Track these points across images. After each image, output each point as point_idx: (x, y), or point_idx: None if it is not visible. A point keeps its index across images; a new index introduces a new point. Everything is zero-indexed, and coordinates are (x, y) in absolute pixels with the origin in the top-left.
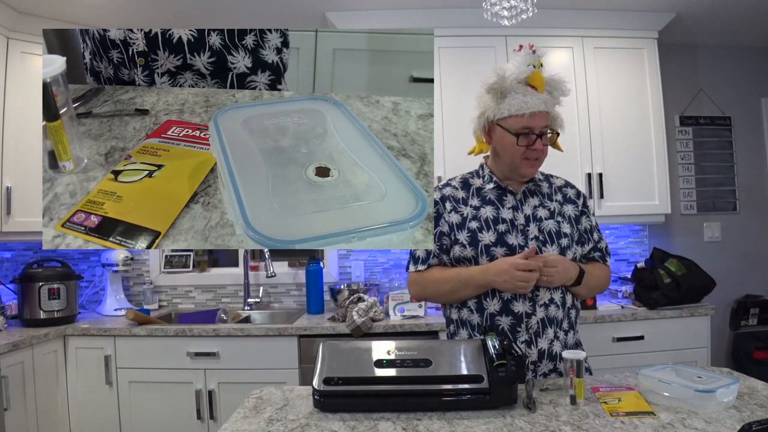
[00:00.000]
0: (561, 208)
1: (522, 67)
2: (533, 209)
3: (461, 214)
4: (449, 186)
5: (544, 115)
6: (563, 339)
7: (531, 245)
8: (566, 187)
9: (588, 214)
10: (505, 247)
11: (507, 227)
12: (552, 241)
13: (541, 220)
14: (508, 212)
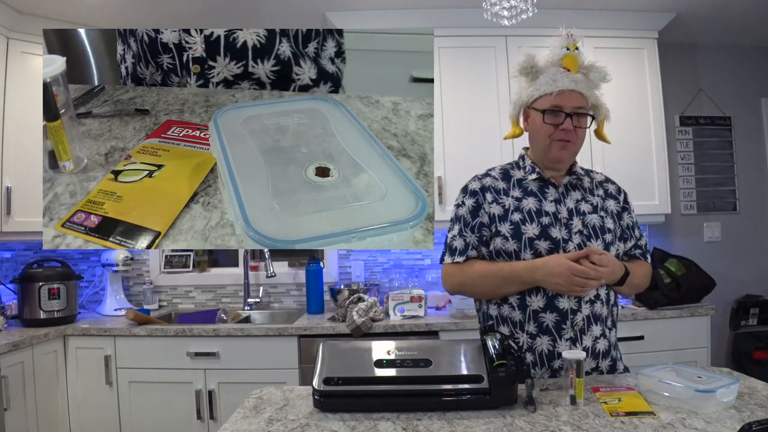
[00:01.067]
0: (603, 203)
1: (556, 50)
2: (576, 203)
3: (503, 206)
4: (489, 176)
5: (576, 95)
6: (609, 336)
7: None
8: (607, 183)
9: (629, 210)
10: (549, 240)
11: (550, 220)
12: (596, 236)
13: (584, 214)
14: (550, 205)
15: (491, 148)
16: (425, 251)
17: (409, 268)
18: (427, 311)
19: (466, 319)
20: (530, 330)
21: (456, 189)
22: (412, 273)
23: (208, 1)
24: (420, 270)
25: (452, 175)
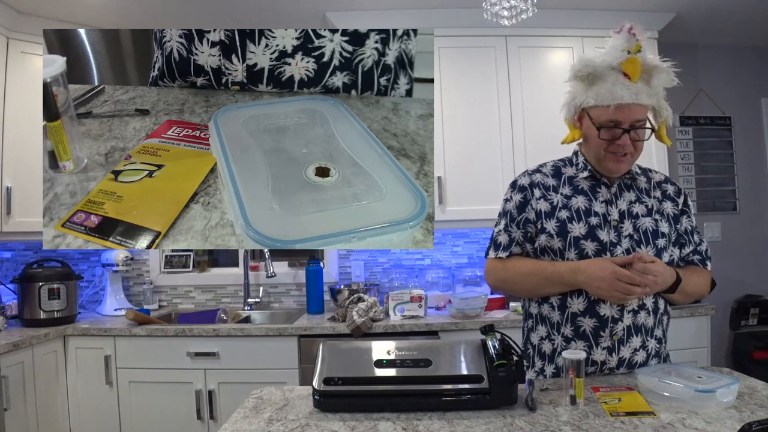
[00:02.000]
0: (660, 205)
1: (616, 51)
2: (629, 204)
3: (551, 203)
4: (540, 172)
5: (636, 108)
6: (653, 348)
7: (624, 244)
8: (666, 183)
9: (689, 214)
10: (596, 241)
11: (599, 221)
12: (647, 241)
13: (637, 217)
14: (601, 206)
15: (491, 148)
16: (425, 251)
17: (409, 268)
18: (427, 311)
19: (466, 319)
20: (566, 333)
21: (456, 189)
22: (412, 273)
23: (209, 1)
24: (420, 270)
25: (452, 175)
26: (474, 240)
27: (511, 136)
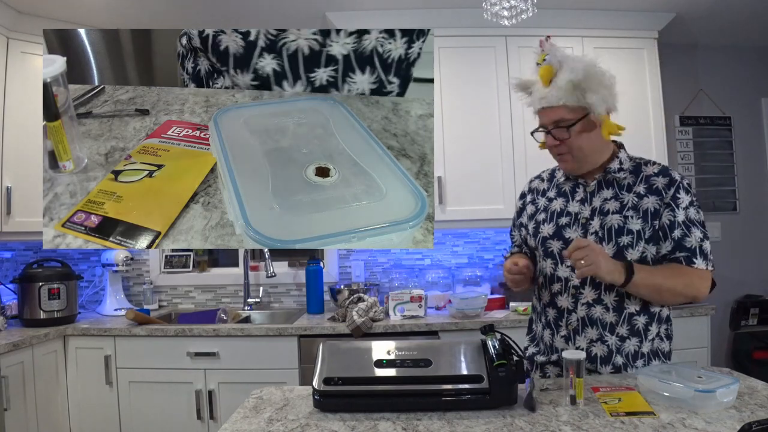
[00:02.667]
0: (639, 201)
1: (534, 65)
2: (603, 202)
3: (536, 206)
4: (539, 178)
5: (549, 111)
6: (614, 344)
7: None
8: (657, 176)
9: (674, 207)
10: (561, 240)
11: (569, 220)
12: (610, 238)
13: (607, 214)
14: (575, 205)
15: (491, 148)
16: (425, 251)
17: (409, 268)
18: (427, 311)
19: (466, 319)
20: (542, 321)
21: (456, 189)
22: (412, 273)
23: (209, 1)
24: (420, 270)
25: (452, 175)
26: (474, 240)
27: (511, 136)
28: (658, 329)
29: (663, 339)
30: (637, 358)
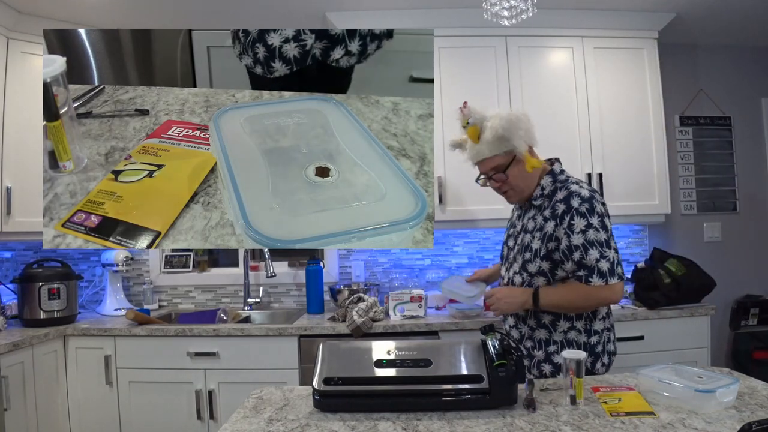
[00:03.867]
0: (544, 223)
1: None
2: (527, 220)
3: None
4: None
5: (483, 162)
6: (526, 332)
7: (513, 252)
8: (560, 203)
9: (569, 234)
10: (505, 246)
11: (513, 231)
12: (520, 252)
13: (524, 231)
14: (518, 220)
15: None
16: (425, 251)
17: (409, 268)
18: (427, 311)
19: (466, 319)
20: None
21: (456, 189)
22: (412, 273)
23: (209, 1)
24: (420, 270)
25: (452, 175)
26: (474, 240)
27: None
28: (570, 324)
29: (581, 332)
30: (549, 344)
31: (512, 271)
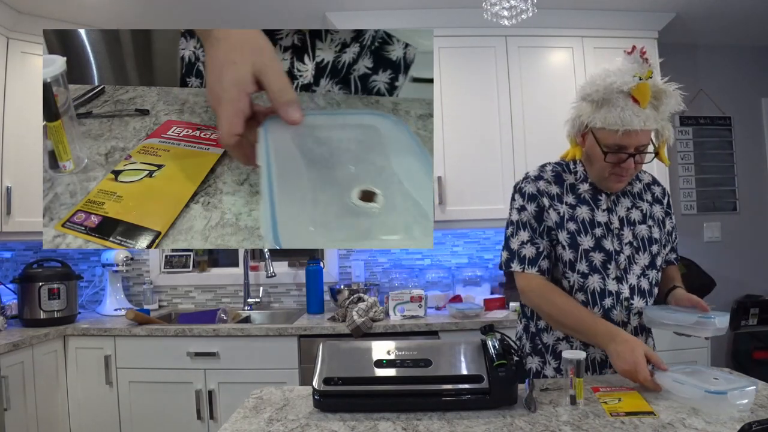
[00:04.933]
0: (651, 209)
1: (627, 75)
2: (626, 211)
3: (558, 213)
4: (542, 179)
5: (643, 133)
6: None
7: (626, 251)
8: (654, 185)
9: (671, 215)
10: (602, 252)
11: (603, 231)
12: (644, 248)
13: (634, 223)
14: (602, 214)
15: (491, 148)
16: (425, 251)
17: (409, 268)
18: (427, 311)
19: (466, 319)
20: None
21: (456, 189)
22: (412, 273)
23: (209, 1)
24: (420, 270)
25: (452, 175)
26: (474, 240)
27: (511, 136)
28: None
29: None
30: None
31: (633, 276)
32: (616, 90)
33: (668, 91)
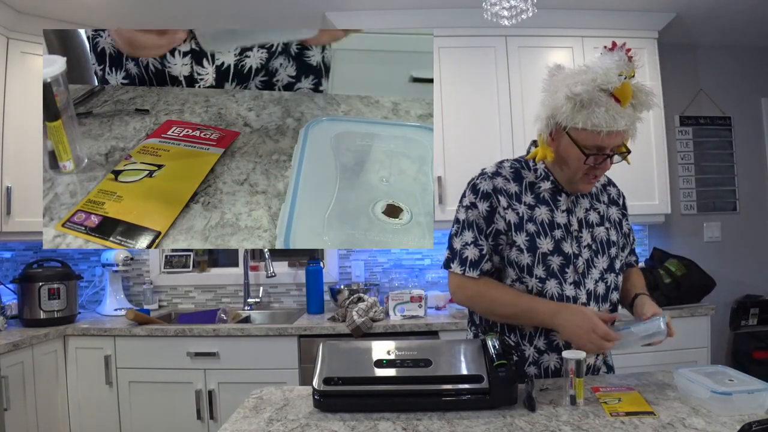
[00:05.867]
0: (607, 210)
1: (611, 74)
2: (585, 212)
3: (517, 213)
4: (500, 176)
5: (620, 133)
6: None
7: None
8: (609, 186)
9: (627, 216)
10: (561, 256)
11: (562, 233)
12: (603, 251)
13: (593, 226)
14: (562, 216)
15: (491, 148)
16: (425, 251)
17: (409, 268)
18: (427, 311)
19: (466, 319)
20: (539, 345)
21: (456, 189)
22: (412, 273)
23: (208, 1)
24: (420, 270)
25: (452, 175)
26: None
27: (511, 135)
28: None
29: None
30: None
31: (591, 280)
32: (597, 87)
33: (644, 90)
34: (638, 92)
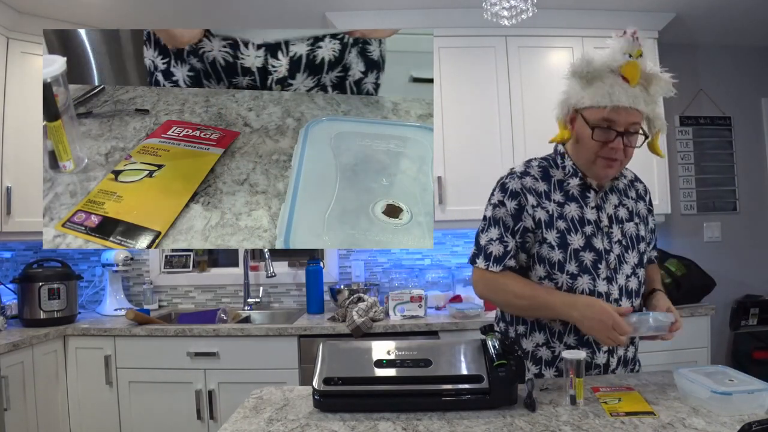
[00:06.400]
0: (636, 206)
1: (617, 54)
2: (614, 208)
3: (547, 211)
4: (529, 175)
5: (632, 112)
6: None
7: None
8: (637, 182)
9: (653, 212)
10: (593, 251)
11: (593, 229)
12: (633, 246)
13: (622, 221)
14: (591, 212)
15: (491, 148)
16: (425, 251)
17: (409, 268)
18: (427, 311)
19: (466, 319)
20: (569, 342)
21: (456, 189)
22: (412, 273)
23: (208, 2)
24: (420, 270)
25: (452, 175)
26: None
27: (511, 135)
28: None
29: None
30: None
31: (623, 276)
32: (605, 67)
33: (659, 75)
34: (651, 77)
